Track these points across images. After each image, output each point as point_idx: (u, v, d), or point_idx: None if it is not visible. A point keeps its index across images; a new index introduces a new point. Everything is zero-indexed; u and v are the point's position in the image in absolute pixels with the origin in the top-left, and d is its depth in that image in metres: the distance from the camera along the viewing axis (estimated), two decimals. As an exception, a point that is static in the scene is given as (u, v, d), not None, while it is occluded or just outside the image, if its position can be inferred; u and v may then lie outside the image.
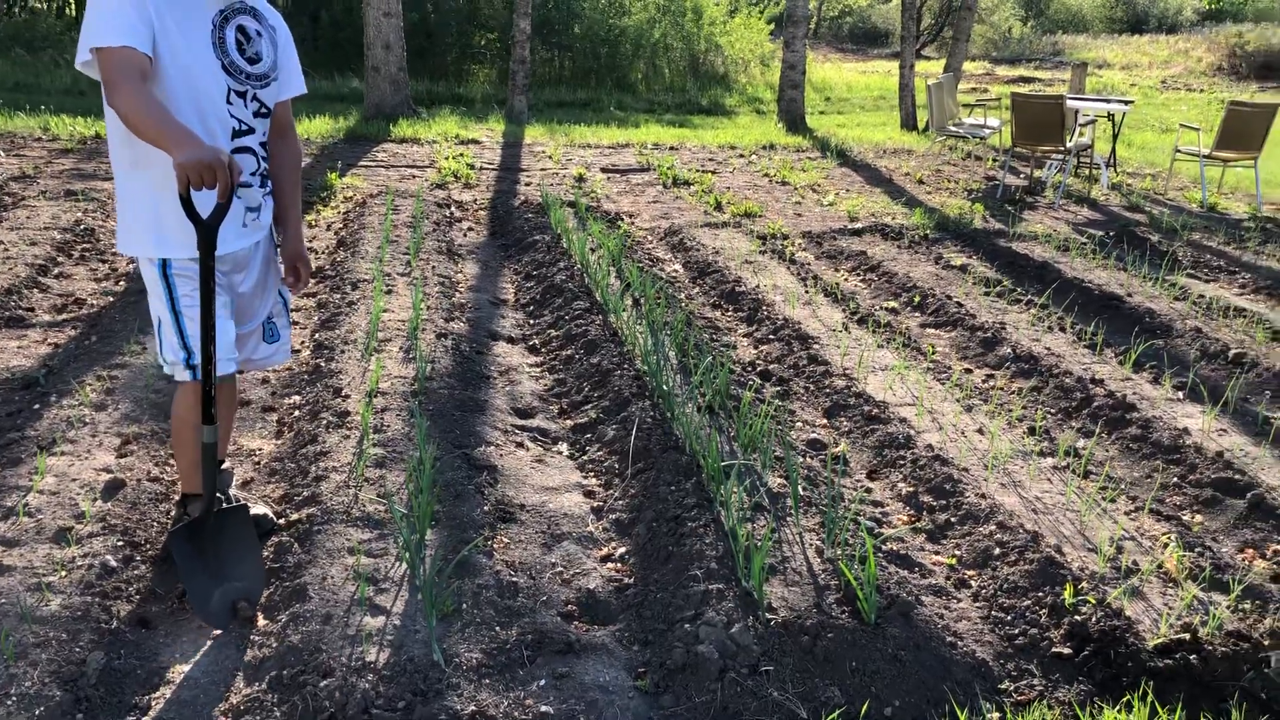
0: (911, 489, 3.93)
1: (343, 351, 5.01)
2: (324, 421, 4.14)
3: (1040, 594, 3.17)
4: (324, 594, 3.00)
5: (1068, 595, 3.10)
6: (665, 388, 4.37)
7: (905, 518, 3.77)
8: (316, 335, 5.36)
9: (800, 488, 3.69)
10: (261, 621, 2.96)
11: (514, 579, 3.19)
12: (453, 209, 8.85)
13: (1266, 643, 2.92)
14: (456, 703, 2.61)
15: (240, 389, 4.74)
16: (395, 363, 4.87)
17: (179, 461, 3.21)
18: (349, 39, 18.71)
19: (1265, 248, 8.38)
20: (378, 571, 3.14)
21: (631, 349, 5.11)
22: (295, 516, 3.43)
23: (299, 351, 5.26)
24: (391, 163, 10.94)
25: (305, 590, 3.00)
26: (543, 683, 2.75)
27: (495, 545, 3.38)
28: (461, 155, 11.40)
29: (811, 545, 3.33)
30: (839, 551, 3.24)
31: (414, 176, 10.14)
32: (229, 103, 2.88)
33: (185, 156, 2.51)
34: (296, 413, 4.40)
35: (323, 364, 4.86)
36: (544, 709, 2.64)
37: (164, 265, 2.84)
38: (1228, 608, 3.15)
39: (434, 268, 6.68)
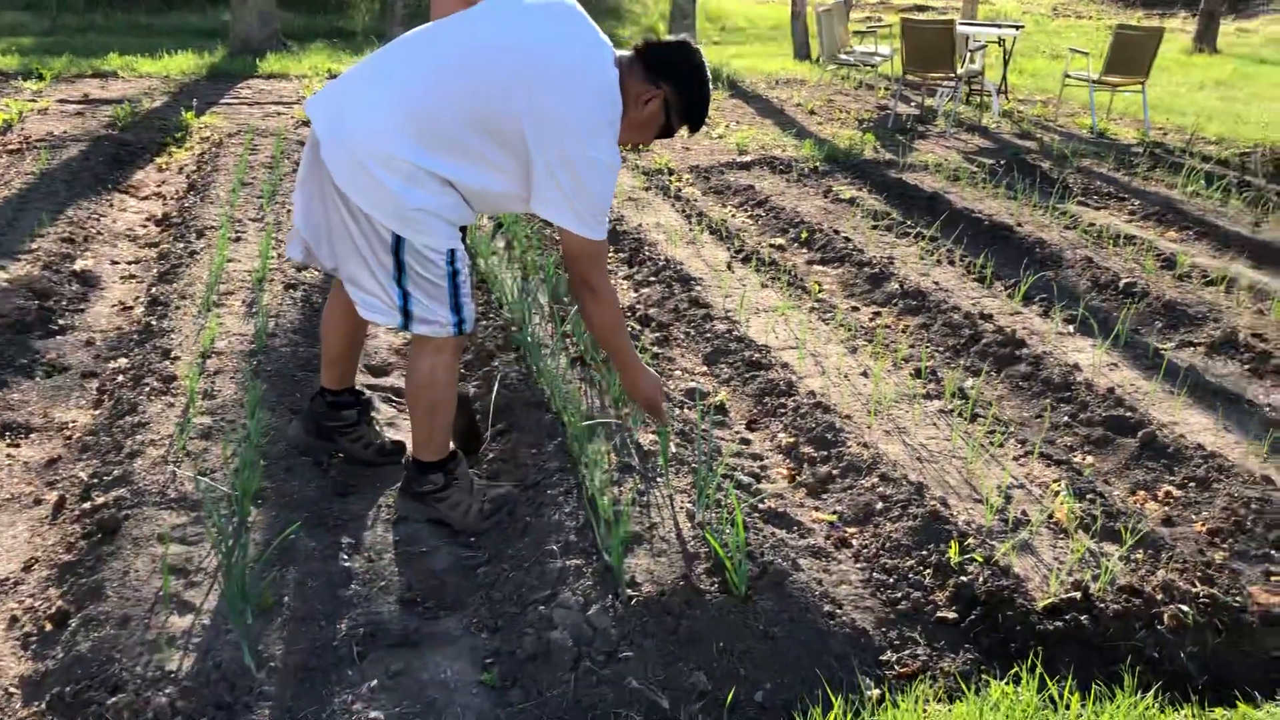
0: (792, 440, 3.71)
1: (178, 308, 4.60)
2: (147, 388, 3.74)
3: (925, 552, 2.98)
4: (125, 591, 2.64)
5: (953, 553, 2.92)
6: (531, 339, 4.06)
7: (785, 471, 3.56)
8: (153, 290, 4.93)
9: (673, 444, 3.44)
10: (49, 627, 2.59)
11: (348, 563, 2.89)
12: (318, 148, 8.33)
13: (1159, 597, 2.75)
14: (266, 714, 2.29)
15: (59, 352, 4.30)
16: (236, 319, 4.48)
17: (431, 429, 3.05)
18: (217, -32, 17.69)
19: (1154, 173, 8.35)
20: (190, 562, 2.79)
21: (499, 296, 4.78)
22: (101, 500, 3.04)
23: (131, 308, 4.82)
24: (255, 99, 10.31)
25: (101, 588, 2.64)
26: (374, 683, 2.45)
27: (329, 524, 3.06)
28: (332, 91, 10.79)
29: (683, 508, 3.09)
30: (710, 515, 2.99)
31: (278, 114, 9.55)
32: None
33: (651, 392, 3.10)
34: (120, 378, 3.98)
35: (154, 322, 4.44)
36: (373, 715, 2.34)
37: (451, 254, 2.85)
38: (1120, 559, 2.98)
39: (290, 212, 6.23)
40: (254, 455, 3.15)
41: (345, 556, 2.92)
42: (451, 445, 3.15)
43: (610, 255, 5.98)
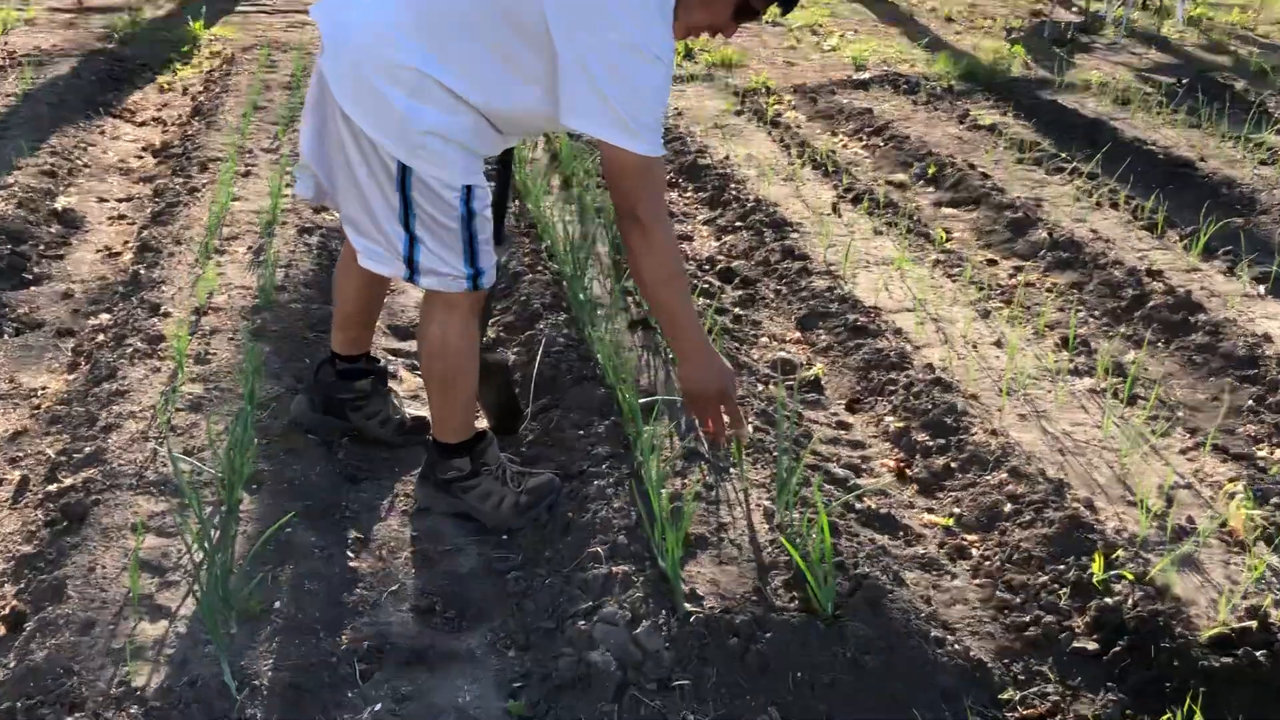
0: (902, 424, 3.66)
1: (172, 255, 4.67)
2: (130, 349, 3.80)
3: (1061, 567, 2.90)
4: (90, 591, 2.68)
5: (1097, 568, 2.83)
6: (583, 297, 4.03)
7: (891, 463, 3.51)
8: (145, 233, 5.01)
9: (750, 426, 3.39)
10: (2, 631, 2.64)
11: (354, 563, 2.90)
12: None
13: (1360, 630, 2.63)
14: (246, 745, 2.31)
15: (32, 305, 4.39)
16: (239, 268, 4.53)
17: (449, 405, 3.04)
18: None
19: (1379, 95, 8.01)
20: (167, 557, 2.82)
21: (550, 244, 4.76)
22: (69, 481, 3.09)
23: (118, 254, 4.90)
24: (275, 7, 10.42)
25: (63, 587, 2.68)
26: (379, 708, 2.47)
27: (334, 516, 3.07)
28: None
29: (759, 507, 3.06)
30: (792, 515, 2.93)
31: (302, 25, 9.63)
32: None
33: (715, 381, 2.89)
34: (100, 337, 4.05)
35: (143, 271, 4.51)
36: (375, 747, 2.34)
37: (467, 192, 2.81)
38: (1311, 581, 2.87)
39: (309, 141, 6.28)
40: (248, 432, 3.16)
41: (351, 555, 2.94)
42: (482, 424, 3.14)
43: (689, 193, 5.95)
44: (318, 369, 3.44)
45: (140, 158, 6.32)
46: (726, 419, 2.97)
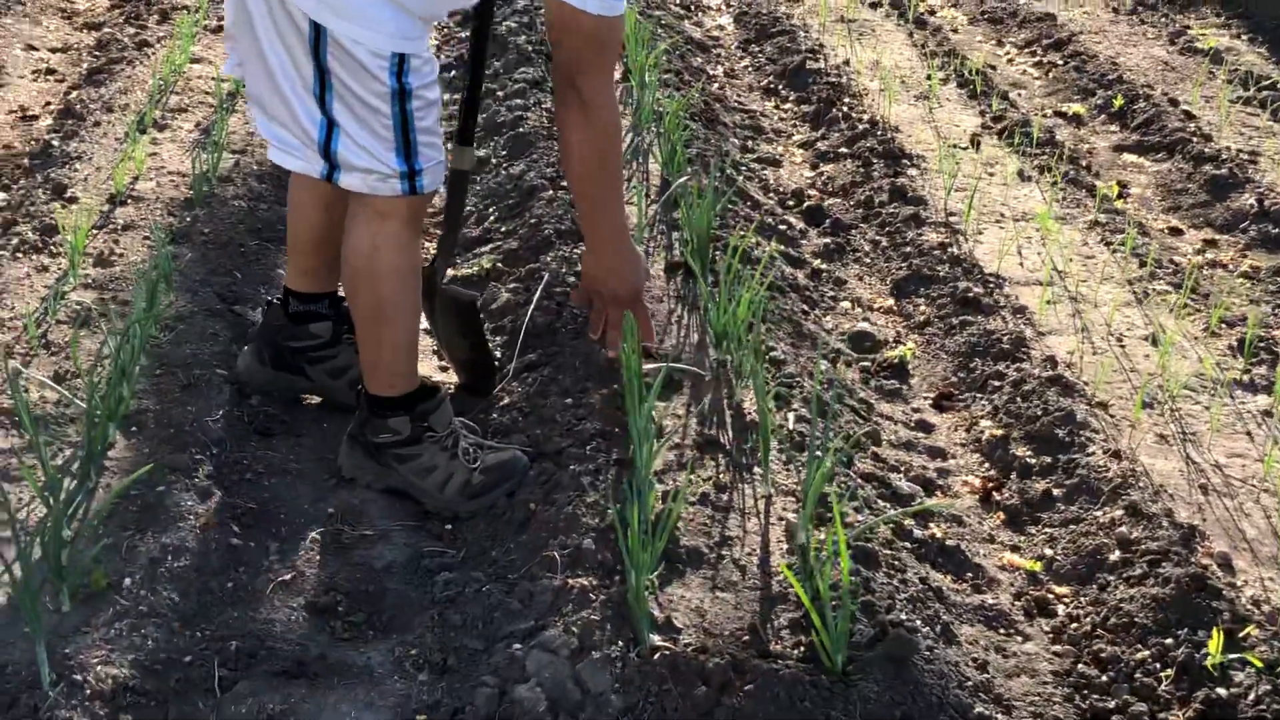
0: (1000, 432, 3.65)
1: (99, 124, 4.81)
2: (16, 240, 3.90)
3: (1168, 640, 2.85)
4: (-100, 545, 2.75)
5: (1214, 648, 2.78)
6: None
7: (976, 481, 3.50)
8: (73, 94, 5.14)
9: (793, 414, 3.41)
10: None
11: (238, 540, 2.94)
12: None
13: None
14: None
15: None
16: (179, 150, 4.68)
17: (382, 342, 3.10)
18: None
19: None
20: (5, 508, 2.87)
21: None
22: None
23: (35, 119, 5.00)
24: None
25: None
26: (235, 730, 2.50)
27: (227, 478, 3.14)
28: None
29: (782, 520, 3.06)
30: (817, 535, 2.91)
31: None
32: None
33: (627, 278, 3.30)
34: (-13, 224, 4.15)
35: (58, 143, 4.65)
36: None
37: (400, 62, 2.85)
38: None
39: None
40: (135, 359, 3.23)
41: (238, 529, 2.98)
42: (435, 379, 3.16)
43: (788, 103, 5.96)
44: (266, 310, 3.48)
45: (91, -2, 6.42)
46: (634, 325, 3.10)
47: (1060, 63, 6.71)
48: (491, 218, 4.55)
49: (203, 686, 2.57)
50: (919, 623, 2.75)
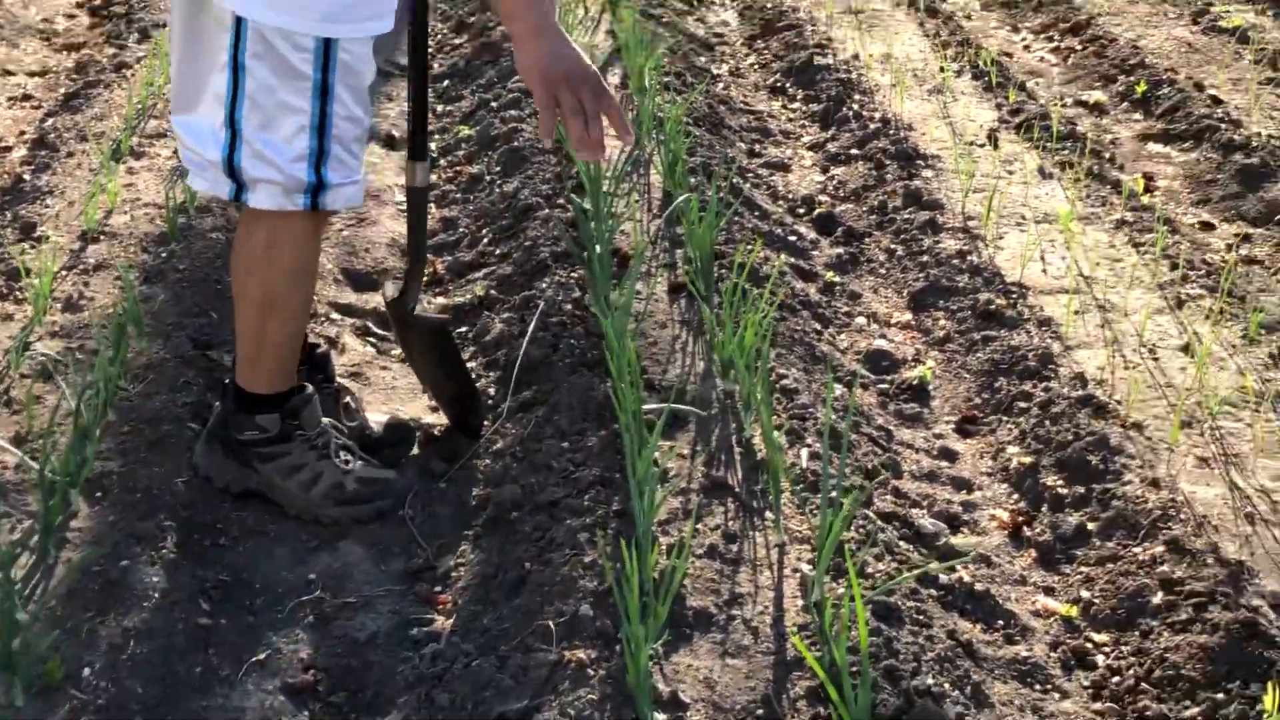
0: (1029, 459, 3.51)
1: (73, 155, 4.78)
2: (-22, 287, 3.79)
3: (1219, 695, 2.69)
4: None
5: (1271, 703, 2.60)
6: (600, 248, 3.89)
7: (1005, 515, 3.35)
8: (49, 121, 5.11)
9: (806, 450, 3.26)
10: None
11: (209, 618, 2.81)
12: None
13: None
14: None
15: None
16: (156, 178, 4.61)
17: (265, 337, 3.02)
18: None
19: None
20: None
21: (581, 169, 4.60)
22: None
23: (9, 149, 4.91)
24: None
25: None
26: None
27: (195, 546, 3.01)
28: None
29: (796, 572, 2.90)
30: (834, 590, 2.76)
31: None
32: None
33: (552, 58, 2.73)
34: (-51, 265, 4.06)
35: (29, 176, 4.60)
36: None
37: (325, 49, 2.77)
38: None
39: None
40: (100, 416, 3.12)
41: (207, 606, 2.85)
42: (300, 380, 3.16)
43: (796, 102, 5.99)
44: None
45: (72, 16, 6.47)
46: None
47: (1079, 48, 6.73)
48: (485, 240, 4.47)
49: (169, 786, 2.44)
50: (947, 685, 2.61)
